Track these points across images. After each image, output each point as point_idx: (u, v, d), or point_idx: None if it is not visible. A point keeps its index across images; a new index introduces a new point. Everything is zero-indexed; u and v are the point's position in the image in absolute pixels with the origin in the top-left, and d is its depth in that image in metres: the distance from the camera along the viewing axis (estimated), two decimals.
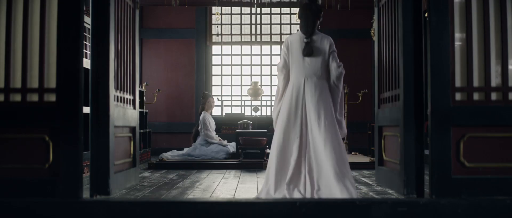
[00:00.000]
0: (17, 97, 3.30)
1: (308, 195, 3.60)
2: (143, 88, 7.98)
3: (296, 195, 3.59)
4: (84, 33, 5.19)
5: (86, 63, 5.07)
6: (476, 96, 3.33)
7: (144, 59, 9.23)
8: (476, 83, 3.34)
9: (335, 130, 3.69)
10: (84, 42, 5.14)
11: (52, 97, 3.29)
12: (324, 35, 3.84)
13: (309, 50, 3.74)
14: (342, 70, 3.80)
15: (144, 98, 8.06)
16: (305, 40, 3.77)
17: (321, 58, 3.77)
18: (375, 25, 4.22)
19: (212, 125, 7.32)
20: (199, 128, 7.28)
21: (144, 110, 7.92)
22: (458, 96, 3.31)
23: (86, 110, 4.38)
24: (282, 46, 3.95)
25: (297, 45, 3.80)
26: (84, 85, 3.40)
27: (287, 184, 3.65)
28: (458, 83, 3.32)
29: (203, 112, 7.35)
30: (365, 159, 7.03)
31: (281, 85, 3.90)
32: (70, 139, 3.25)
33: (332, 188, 3.54)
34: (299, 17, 3.93)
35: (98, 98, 3.39)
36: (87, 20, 5.47)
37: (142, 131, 7.50)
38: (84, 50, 5.17)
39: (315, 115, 3.68)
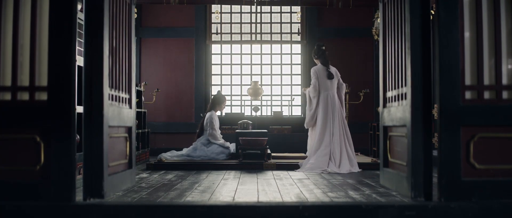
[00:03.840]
0: (7, 96, 3.16)
1: (335, 168, 5.84)
2: (142, 88, 7.85)
3: (329, 167, 5.88)
4: (78, 30, 5.06)
5: (80, 61, 4.93)
6: (486, 95, 3.19)
7: (143, 59, 9.10)
8: (486, 81, 3.20)
9: (345, 122, 6.24)
10: (78, 39, 5.01)
11: (44, 96, 3.15)
12: (332, 67, 6.36)
13: (331, 75, 6.23)
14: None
15: (143, 98, 7.93)
16: (328, 69, 6.26)
17: (335, 81, 6.27)
18: (379, 21, 4.09)
19: (218, 124, 7.20)
20: (204, 124, 7.14)
21: (143, 110, 7.79)
22: (468, 94, 3.18)
23: (80, 109, 4.25)
24: (312, 73, 6.29)
25: (322, 72, 6.24)
26: (77, 84, 3.27)
27: (324, 161, 5.92)
28: (468, 81, 3.19)
29: (211, 111, 7.22)
30: (367, 159, 6.89)
31: (315, 97, 6.23)
32: (62, 139, 3.11)
33: (343, 161, 5.94)
34: (319, 57, 6.34)
35: (92, 96, 3.25)
36: (81, 16, 5.34)
37: (140, 131, 7.37)
38: (78, 48, 5.06)
39: (337, 114, 6.14)
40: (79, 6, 4.81)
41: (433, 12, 4.57)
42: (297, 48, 9.22)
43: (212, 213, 2.99)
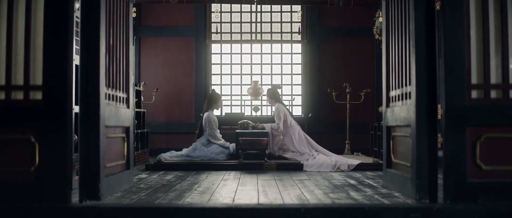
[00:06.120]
0: (1, 95, 3.08)
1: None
2: (141, 87, 7.77)
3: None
4: (76, 29, 4.98)
5: (78, 60, 4.84)
6: (493, 94, 3.11)
7: (142, 58, 9.03)
8: (493, 80, 3.12)
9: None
10: (76, 38, 4.93)
11: (39, 95, 3.07)
12: None
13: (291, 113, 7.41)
14: None
15: (142, 97, 7.85)
16: (286, 107, 7.33)
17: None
18: (382, 19, 4.01)
19: (216, 123, 7.14)
20: (203, 125, 7.07)
21: (142, 110, 7.71)
22: (474, 94, 3.10)
23: (77, 109, 4.17)
24: (278, 113, 7.03)
25: (287, 111, 7.16)
26: (75, 83, 3.18)
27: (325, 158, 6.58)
28: (474, 80, 3.11)
29: (208, 110, 7.15)
30: (368, 159, 6.81)
31: (285, 133, 7.04)
32: (57, 140, 3.03)
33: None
34: (278, 99, 7.27)
35: (88, 96, 3.16)
36: (79, 14, 5.25)
37: (140, 131, 7.30)
38: (76, 47, 4.97)
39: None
40: (77, 5, 4.73)
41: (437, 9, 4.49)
42: (298, 47, 9.13)
43: (211, 215, 2.91)
